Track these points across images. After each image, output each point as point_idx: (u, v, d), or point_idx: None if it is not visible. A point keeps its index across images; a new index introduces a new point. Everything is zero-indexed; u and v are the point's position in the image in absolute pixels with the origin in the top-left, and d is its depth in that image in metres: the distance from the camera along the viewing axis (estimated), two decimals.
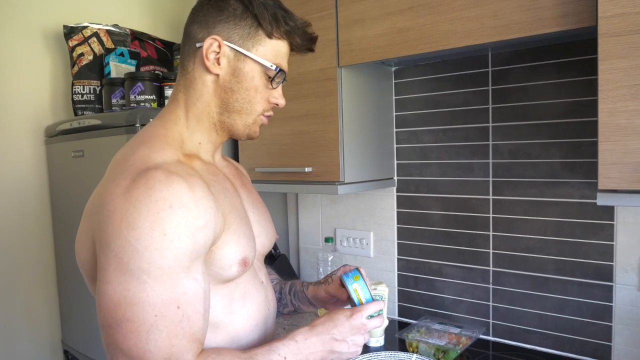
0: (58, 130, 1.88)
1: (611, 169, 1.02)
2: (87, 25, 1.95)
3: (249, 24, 0.89)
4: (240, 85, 0.90)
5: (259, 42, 0.90)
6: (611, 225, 1.40)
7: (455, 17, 1.28)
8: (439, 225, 1.74)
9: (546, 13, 1.14)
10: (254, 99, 0.92)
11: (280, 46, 0.93)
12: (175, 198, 0.74)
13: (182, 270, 0.75)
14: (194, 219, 0.76)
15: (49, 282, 2.02)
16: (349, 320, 0.89)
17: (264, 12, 0.89)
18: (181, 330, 0.74)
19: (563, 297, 1.49)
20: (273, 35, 0.91)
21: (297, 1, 1.60)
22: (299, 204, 2.16)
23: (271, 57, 0.91)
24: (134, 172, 0.77)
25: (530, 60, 1.50)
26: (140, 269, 0.72)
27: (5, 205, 1.90)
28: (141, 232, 0.72)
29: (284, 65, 0.94)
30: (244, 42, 0.90)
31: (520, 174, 1.55)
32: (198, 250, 0.77)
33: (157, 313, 0.72)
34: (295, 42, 0.94)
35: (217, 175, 0.93)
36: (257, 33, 0.90)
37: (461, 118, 1.66)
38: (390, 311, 1.85)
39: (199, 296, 0.77)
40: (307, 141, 1.63)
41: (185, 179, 0.78)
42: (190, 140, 0.92)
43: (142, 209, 0.73)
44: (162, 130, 0.90)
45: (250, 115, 0.93)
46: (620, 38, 1.00)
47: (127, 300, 0.72)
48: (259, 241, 1.01)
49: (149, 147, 0.84)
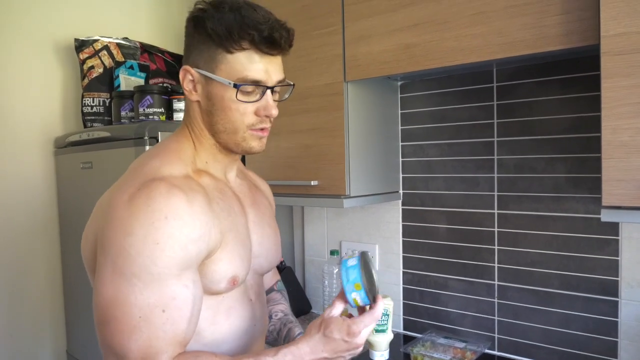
0: (67, 141, 1.90)
1: (615, 185, 1.03)
2: (97, 38, 1.98)
3: (208, 46, 0.89)
4: (215, 107, 0.91)
5: (220, 60, 0.88)
6: (616, 241, 1.40)
7: (460, 34, 1.30)
8: (444, 239, 1.74)
9: (550, 31, 1.16)
10: (233, 117, 0.91)
11: (244, 57, 0.88)
12: (171, 210, 0.79)
13: (173, 277, 0.79)
14: (188, 232, 0.81)
15: (55, 292, 2.04)
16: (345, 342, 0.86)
17: (218, 29, 0.86)
18: (162, 332, 0.78)
19: (568, 312, 1.49)
20: (233, 50, 0.87)
21: (304, 17, 1.62)
22: (305, 216, 2.17)
23: (237, 71, 0.88)
24: (141, 182, 0.83)
25: (535, 76, 1.52)
26: (132, 273, 0.77)
27: (13, 215, 1.92)
28: (136, 239, 0.77)
29: (258, 74, 0.89)
30: (208, 65, 0.89)
31: (525, 188, 1.55)
32: (190, 261, 0.82)
33: (141, 315, 0.77)
34: (261, 50, 0.88)
35: (224, 193, 0.96)
36: (217, 52, 0.88)
37: (466, 132, 1.67)
38: (395, 324, 1.85)
39: (188, 301, 0.81)
40: (313, 155, 1.64)
41: (186, 193, 0.83)
42: (199, 158, 0.96)
43: (139, 218, 0.78)
44: (176, 145, 0.95)
45: (236, 134, 0.92)
46: (623, 57, 1.01)
47: (117, 301, 0.77)
48: (257, 262, 1.03)
49: (160, 159, 0.89)
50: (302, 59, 1.64)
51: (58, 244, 2.04)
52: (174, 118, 1.80)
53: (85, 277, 0.95)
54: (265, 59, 0.90)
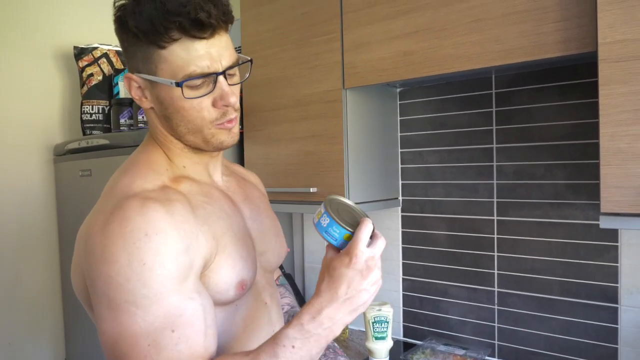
0: (66, 149, 1.90)
1: (613, 192, 1.03)
2: (97, 46, 1.99)
3: (139, 46, 0.79)
4: (169, 110, 0.82)
5: (157, 59, 0.79)
6: (615, 247, 1.40)
7: (458, 41, 1.30)
8: (443, 246, 1.74)
9: (548, 38, 1.16)
10: (191, 117, 0.82)
11: (180, 49, 0.77)
12: (150, 226, 0.73)
13: (173, 294, 0.73)
14: (174, 244, 0.74)
15: (54, 300, 2.03)
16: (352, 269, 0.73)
17: (141, 24, 0.76)
18: (177, 353, 0.72)
19: (568, 318, 1.49)
20: (164, 44, 0.77)
21: (303, 24, 1.63)
22: (304, 223, 2.17)
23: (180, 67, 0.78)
24: (113, 204, 0.76)
25: (534, 83, 1.52)
26: (128, 302, 0.71)
27: (12, 222, 1.92)
28: (121, 266, 0.71)
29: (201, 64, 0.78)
30: (147, 67, 0.80)
31: (525, 194, 1.55)
32: (185, 272, 0.75)
33: (150, 342, 0.71)
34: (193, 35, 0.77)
35: (211, 196, 0.88)
36: (150, 50, 0.78)
37: (466, 139, 1.67)
38: (395, 332, 1.85)
39: (198, 314, 0.75)
40: (313, 162, 1.64)
41: (163, 204, 0.76)
42: (175, 164, 0.88)
43: (118, 242, 0.72)
44: (145, 156, 0.88)
45: (201, 132, 0.84)
46: (620, 64, 1.01)
47: (121, 336, 0.71)
48: (264, 259, 0.98)
49: (131, 175, 0.83)
50: (301, 66, 1.65)
51: (57, 252, 2.03)
52: None
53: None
54: (203, 44, 0.78)
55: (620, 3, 1.02)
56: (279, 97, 1.71)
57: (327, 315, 0.72)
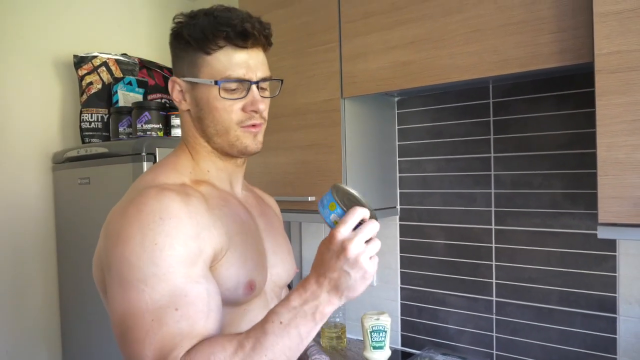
0: (65, 157, 1.90)
1: (611, 202, 1.04)
2: (96, 54, 1.99)
3: (188, 53, 0.91)
4: (203, 111, 0.92)
5: (201, 64, 0.90)
6: (613, 257, 1.40)
7: (456, 51, 1.31)
8: (441, 255, 1.74)
9: (544, 49, 1.17)
10: (220, 118, 0.91)
11: (223, 56, 0.89)
12: (164, 210, 0.79)
13: (180, 276, 0.77)
14: (186, 230, 0.79)
15: (51, 308, 2.02)
16: (328, 249, 0.74)
17: (194, 33, 0.89)
18: (178, 329, 0.75)
19: (567, 328, 1.49)
20: (211, 50, 0.89)
21: (302, 34, 1.64)
22: (302, 232, 2.17)
23: (219, 71, 0.89)
24: (133, 195, 0.84)
25: (531, 93, 1.53)
26: (138, 280, 0.76)
27: (10, 230, 1.91)
28: (134, 245, 0.76)
29: (239, 70, 0.89)
30: (191, 71, 0.91)
31: (522, 204, 1.56)
32: (194, 257, 0.79)
33: (154, 317, 0.75)
34: (237, 44, 0.89)
35: (228, 202, 0.94)
36: (197, 56, 0.90)
37: (463, 148, 1.67)
38: (393, 341, 1.84)
39: (202, 296, 0.78)
40: (311, 170, 1.65)
41: (179, 194, 0.83)
42: (199, 168, 0.95)
43: (133, 224, 0.78)
44: (173, 158, 0.96)
45: (228, 134, 0.92)
46: (617, 75, 1.02)
47: (129, 311, 0.75)
48: (275, 271, 1.01)
49: (156, 172, 0.91)
50: (299, 75, 1.66)
51: (55, 260, 2.03)
52: (171, 134, 1.81)
53: (82, 293, 0.95)
54: (244, 54, 0.90)
55: (616, 15, 1.02)
56: (277, 106, 1.71)
57: (312, 292, 0.74)
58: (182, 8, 1.02)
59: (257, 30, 0.90)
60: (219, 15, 0.89)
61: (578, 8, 1.12)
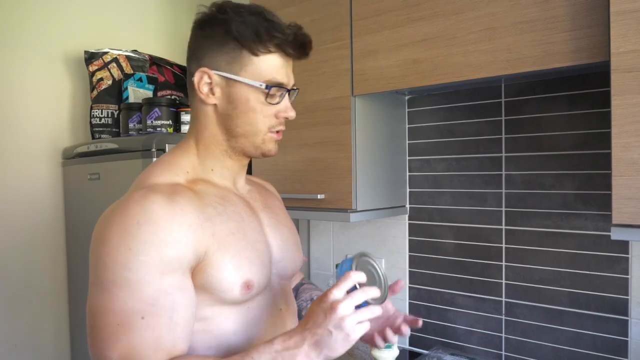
0: (75, 152, 1.91)
1: (625, 203, 1.02)
2: (107, 50, 2.00)
3: (232, 47, 0.88)
4: (237, 110, 0.90)
5: (245, 62, 0.89)
6: (626, 259, 1.38)
7: (468, 50, 1.30)
8: (451, 255, 1.73)
9: (559, 48, 1.15)
10: (255, 120, 0.91)
11: (271, 60, 0.90)
12: (144, 215, 0.79)
13: (153, 283, 0.78)
14: (164, 236, 0.79)
15: (60, 304, 2.03)
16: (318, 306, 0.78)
17: (244, 31, 0.87)
18: (142, 339, 0.76)
19: (577, 330, 1.47)
20: (259, 52, 0.88)
21: (312, 31, 1.62)
22: (311, 230, 2.17)
23: (264, 74, 0.89)
24: (125, 195, 0.85)
25: (544, 92, 1.51)
26: (110, 281, 0.77)
27: (20, 225, 1.92)
28: (110, 248, 0.78)
29: (282, 77, 0.91)
30: (230, 67, 0.89)
31: (534, 204, 1.54)
32: (170, 265, 0.79)
33: (119, 322, 0.76)
34: (287, 52, 0.91)
35: (227, 199, 0.93)
36: (242, 54, 0.88)
37: (474, 147, 1.66)
38: (401, 340, 1.83)
39: (166, 308, 0.78)
40: (320, 168, 1.64)
41: (166, 195, 0.82)
42: (202, 167, 0.94)
43: (113, 227, 0.79)
44: (169, 157, 0.95)
45: (256, 136, 0.92)
46: (633, 74, 1.00)
47: (98, 310, 0.78)
48: (281, 265, 1.00)
49: (148, 173, 0.91)
50: (310, 72, 1.65)
51: (64, 255, 2.04)
52: (181, 130, 1.81)
53: None
54: (287, 63, 0.92)
55: (632, 13, 1.01)
56: None
57: (294, 342, 0.77)
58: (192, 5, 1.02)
59: (308, 45, 0.93)
60: (270, 19, 0.89)
61: (593, 6, 1.10)
